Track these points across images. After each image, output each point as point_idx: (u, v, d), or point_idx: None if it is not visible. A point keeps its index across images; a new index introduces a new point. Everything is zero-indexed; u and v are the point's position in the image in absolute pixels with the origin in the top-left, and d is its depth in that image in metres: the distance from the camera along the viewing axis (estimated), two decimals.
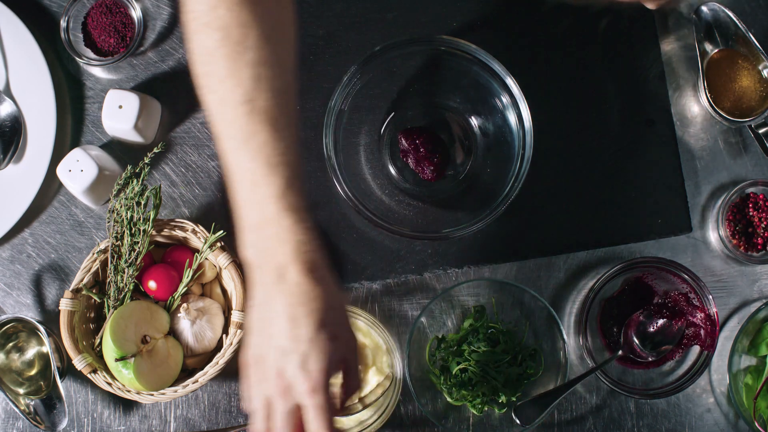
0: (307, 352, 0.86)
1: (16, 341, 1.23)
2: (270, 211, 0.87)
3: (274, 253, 0.88)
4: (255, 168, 0.87)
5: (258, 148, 0.87)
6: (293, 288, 0.87)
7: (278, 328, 0.87)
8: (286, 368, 0.87)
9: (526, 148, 1.17)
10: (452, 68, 1.21)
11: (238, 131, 0.88)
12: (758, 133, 1.27)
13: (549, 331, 1.21)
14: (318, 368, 0.86)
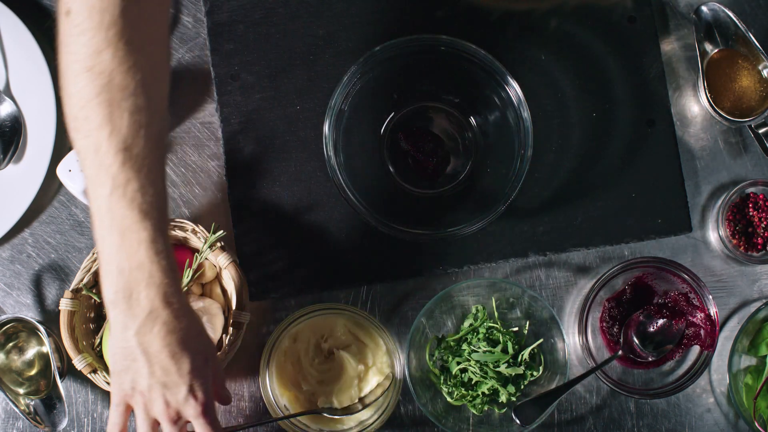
0: (193, 382, 0.95)
1: (16, 341, 1.23)
2: (141, 256, 0.90)
3: (145, 297, 0.92)
4: (128, 215, 0.89)
5: (132, 195, 0.89)
6: (166, 331, 0.93)
7: (161, 365, 0.94)
8: (175, 399, 0.96)
9: (526, 148, 1.17)
10: (452, 68, 1.21)
11: (112, 178, 0.88)
12: (758, 133, 1.27)
13: (549, 331, 1.21)
14: (204, 392, 0.97)
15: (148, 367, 0.95)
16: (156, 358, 0.94)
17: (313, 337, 1.21)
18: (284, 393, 1.20)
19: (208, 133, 1.27)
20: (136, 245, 0.90)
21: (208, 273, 1.20)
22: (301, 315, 1.19)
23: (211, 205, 1.26)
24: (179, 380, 0.95)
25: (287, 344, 1.20)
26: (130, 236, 0.90)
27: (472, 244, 1.25)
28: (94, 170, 0.89)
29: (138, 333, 0.93)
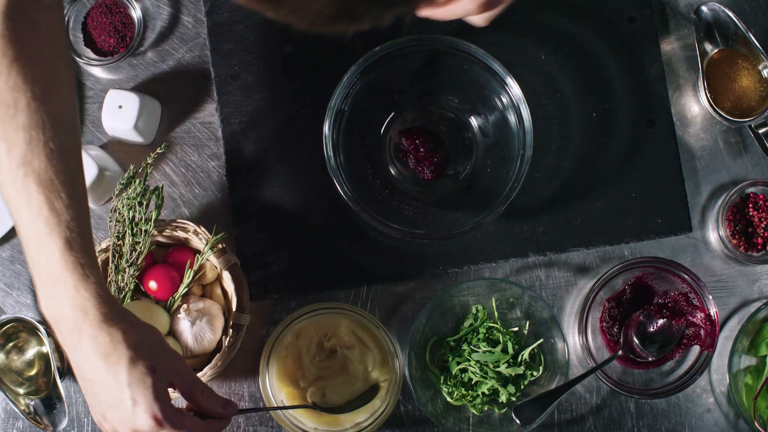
0: (131, 396, 0.88)
1: (16, 341, 1.23)
2: (56, 270, 0.88)
3: (67, 312, 0.89)
4: (36, 229, 0.88)
5: (37, 210, 0.88)
6: (93, 343, 0.88)
7: (100, 386, 0.89)
8: (124, 418, 0.89)
9: (526, 148, 1.17)
10: (452, 68, 1.21)
11: (17, 194, 0.88)
12: (758, 133, 1.27)
13: (549, 331, 1.21)
14: (147, 403, 0.88)
15: (88, 387, 0.91)
16: (94, 379, 0.89)
17: (316, 335, 1.21)
18: (283, 388, 1.20)
19: (208, 133, 1.27)
20: (49, 260, 0.89)
21: (209, 274, 1.20)
22: (305, 312, 1.19)
23: (211, 205, 1.26)
24: (119, 394, 0.88)
25: (289, 340, 1.20)
26: (42, 251, 0.89)
27: (472, 244, 1.25)
28: (3, 188, 0.90)
29: (72, 350, 0.90)
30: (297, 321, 1.20)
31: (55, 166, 0.89)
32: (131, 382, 0.88)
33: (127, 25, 1.26)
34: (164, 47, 1.28)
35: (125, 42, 1.26)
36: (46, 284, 0.89)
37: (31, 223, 0.89)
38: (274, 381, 1.20)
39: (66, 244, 0.88)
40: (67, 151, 0.90)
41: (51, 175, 0.88)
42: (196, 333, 1.17)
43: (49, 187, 0.88)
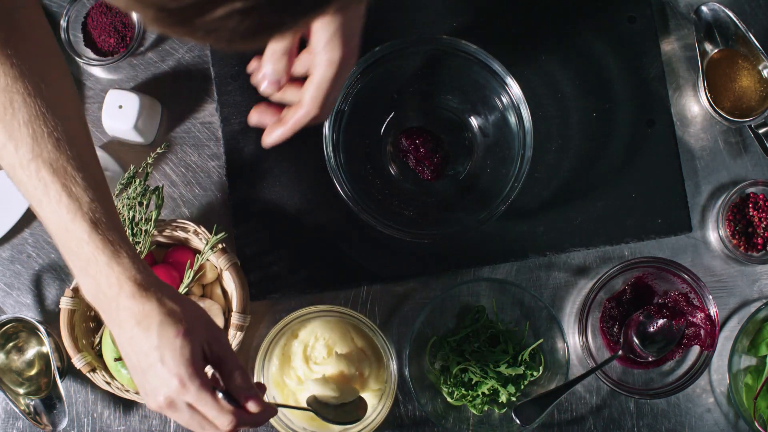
0: (159, 357, 0.89)
1: (16, 341, 1.23)
2: (86, 252, 0.90)
3: (105, 290, 0.90)
4: (60, 218, 0.90)
5: (57, 199, 0.89)
6: (129, 313, 0.90)
7: (136, 355, 0.90)
8: (155, 385, 0.90)
9: (526, 148, 1.17)
10: (452, 68, 1.21)
11: (34, 189, 0.90)
12: (758, 133, 1.27)
13: (549, 331, 1.21)
14: (174, 363, 0.88)
15: (129, 361, 0.92)
16: (130, 346, 0.90)
17: (313, 338, 1.21)
18: (276, 386, 1.20)
19: (208, 133, 1.27)
20: (78, 245, 0.90)
21: (209, 274, 1.20)
22: (302, 315, 1.19)
23: (211, 205, 1.26)
24: (150, 357, 0.89)
25: (284, 342, 1.20)
26: (70, 237, 0.90)
27: (472, 244, 1.25)
28: (19, 186, 0.92)
29: (114, 325, 0.91)
30: (294, 323, 1.20)
31: (64, 154, 0.90)
32: (160, 345, 0.89)
33: (127, 25, 1.26)
34: (164, 47, 1.28)
35: (125, 42, 1.26)
36: (81, 268, 0.91)
37: (54, 213, 0.90)
38: (270, 382, 1.20)
39: (91, 225, 0.90)
40: (74, 137, 0.91)
41: (63, 163, 0.90)
42: None
43: (63, 174, 0.89)
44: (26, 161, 0.89)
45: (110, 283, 0.90)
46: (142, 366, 0.90)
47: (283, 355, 1.20)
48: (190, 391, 0.89)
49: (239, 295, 1.17)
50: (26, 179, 0.90)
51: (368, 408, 1.18)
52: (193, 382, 0.89)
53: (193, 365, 0.90)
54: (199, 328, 0.92)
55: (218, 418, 0.91)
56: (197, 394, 0.89)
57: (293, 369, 1.20)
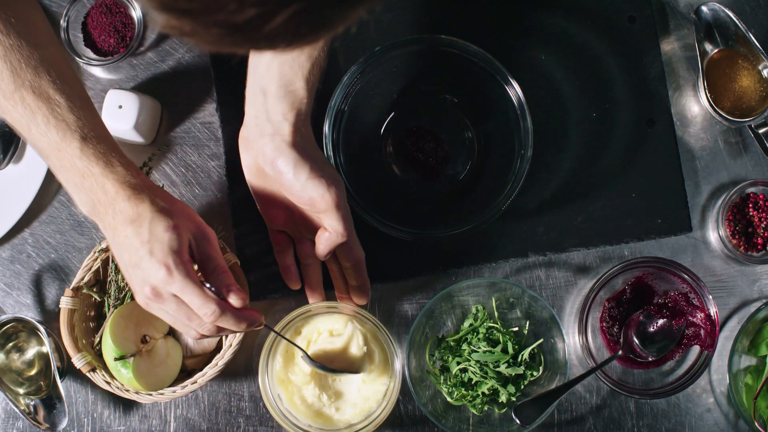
0: (149, 250, 0.93)
1: (16, 341, 1.23)
2: (80, 168, 0.95)
3: (101, 200, 0.95)
4: (50, 139, 0.95)
5: (44, 122, 0.94)
6: (123, 215, 0.94)
7: (128, 251, 0.94)
8: (144, 273, 0.93)
9: (526, 148, 1.17)
10: (452, 68, 1.21)
11: (21, 117, 0.95)
12: (758, 133, 1.27)
13: (549, 331, 1.21)
14: (162, 253, 0.92)
15: (123, 255, 0.95)
16: (123, 245, 0.94)
17: (315, 333, 1.21)
18: (281, 383, 1.20)
19: (208, 133, 1.27)
20: (72, 161, 0.95)
21: None
22: (304, 312, 1.19)
23: (211, 205, 1.26)
24: (140, 251, 0.93)
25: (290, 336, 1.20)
26: (63, 156, 0.95)
27: (472, 244, 1.25)
28: (8, 117, 0.96)
29: (110, 231, 0.95)
30: (296, 320, 1.20)
31: (45, 79, 0.95)
32: (150, 239, 0.93)
33: (127, 25, 1.26)
34: (164, 47, 1.28)
35: (125, 42, 1.26)
36: (76, 183, 0.95)
37: (44, 136, 0.95)
38: (274, 380, 1.20)
39: (82, 141, 0.95)
40: (51, 62, 0.96)
41: (45, 88, 0.94)
42: None
43: (47, 99, 0.94)
44: (10, 93, 0.94)
45: (106, 191, 0.94)
46: (133, 261, 0.94)
47: (286, 352, 1.20)
48: (175, 280, 0.93)
49: None
50: (12, 109, 0.94)
51: (372, 405, 1.19)
52: (178, 271, 0.93)
53: (180, 256, 0.94)
54: (188, 224, 0.96)
55: (202, 307, 0.94)
56: (182, 281, 0.93)
57: (297, 365, 1.20)
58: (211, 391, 1.24)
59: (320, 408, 1.20)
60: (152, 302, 0.95)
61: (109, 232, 0.96)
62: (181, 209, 0.98)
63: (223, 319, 0.95)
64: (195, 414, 1.24)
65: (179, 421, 1.24)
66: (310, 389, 1.20)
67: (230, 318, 0.96)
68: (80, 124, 0.95)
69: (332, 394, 1.21)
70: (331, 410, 1.20)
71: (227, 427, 1.24)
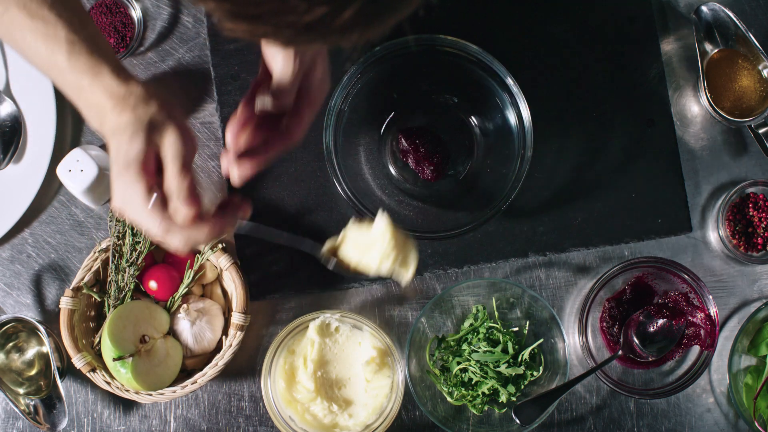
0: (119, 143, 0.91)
1: (16, 341, 1.23)
2: (72, 82, 0.93)
3: (96, 113, 0.93)
4: (40, 56, 0.93)
5: (33, 39, 0.93)
6: (109, 127, 0.92)
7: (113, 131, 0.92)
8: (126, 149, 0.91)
9: (526, 148, 1.17)
10: (452, 68, 1.21)
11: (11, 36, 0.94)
12: (758, 133, 1.27)
13: (549, 331, 1.21)
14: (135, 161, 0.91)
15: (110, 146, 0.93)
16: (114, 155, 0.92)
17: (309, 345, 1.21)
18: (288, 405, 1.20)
19: (208, 133, 1.27)
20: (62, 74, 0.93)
21: (209, 274, 1.20)
22: (293, 328, 1.20)
23: (211, 205, 1.26)
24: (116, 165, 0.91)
25: (284, 361, 1.20)
26: (55, 73, 0.93)
27: (472, 244, 1.25)
28: (5, 39, 0.95)
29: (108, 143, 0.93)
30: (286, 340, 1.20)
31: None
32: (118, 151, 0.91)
33: (127, 25, 1.26)
34: (164, 47, 1.28)
35: (125, 42, 1.26)
36: (76, 98, 0.93)
37: (36, 54, 0.93)
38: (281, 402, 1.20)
39: (68, 54, 0.92)
40: None
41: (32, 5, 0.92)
42: (196, 333, 1.18)
43: (35, 15, 0.92)
44: (3, 9, 0.92)
45: (97, 103, 0.92)
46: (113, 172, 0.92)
47: (285, 374, 1.21)
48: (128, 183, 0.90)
49: (239, 295, 1.17)
50: (5, 31, 0.93)
51: (383, 401, 1.19)
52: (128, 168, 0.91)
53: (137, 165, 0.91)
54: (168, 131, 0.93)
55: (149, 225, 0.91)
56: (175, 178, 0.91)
57: (299, 383, 1.20)
58: (211, 391, 1.24)
59: (334, 419, 1.20)
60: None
61: (108, 143, 0.94)
62: (166, 116, 0.94)
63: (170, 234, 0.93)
64: (195, 414, 1.24)
65: (179, 421, 1.24)
66: (317, 404, 1.20)
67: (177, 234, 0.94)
68: (70, 37, 0.93)
69: (342, 403, 1.21)
70: (344, 417, 1.20)
71: (227, 427, 1.24)
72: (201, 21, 1.28)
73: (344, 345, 1.22)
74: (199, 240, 0.94)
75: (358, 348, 1.22)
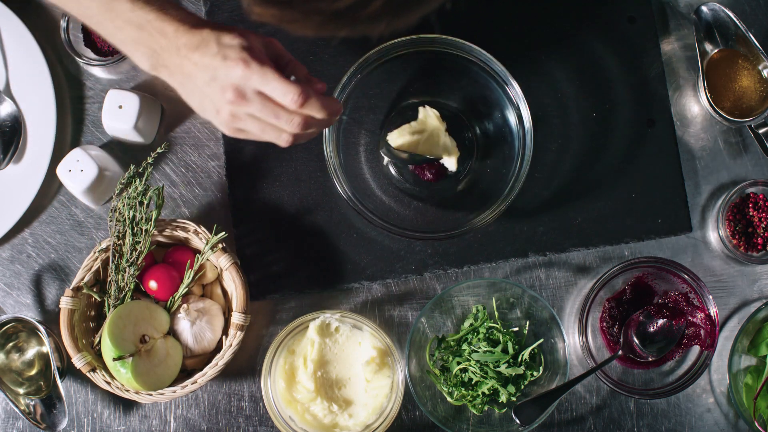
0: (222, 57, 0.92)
1: (16, 341, 1.23)
2: (134, 19, 0.95)
3: (161, 44, 0.95)
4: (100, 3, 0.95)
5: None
6: (188, 48, 0.94)
7: (201, 73, 0.94)
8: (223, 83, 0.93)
9: (526, 148, 1.17)
10: (452, 68, 1.21)
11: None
12: (758, 133, 1.27)
13: (549, 331, 1.21)
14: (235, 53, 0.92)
15: (197, 82, 0.94)
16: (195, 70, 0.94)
17: (309, 345, 1.21)
18: (288, 405, 1.20)
19: (208, 133, 1.27)
20: (126, 16, 0.94)
21: (209, 274, 1.20)
22: (293, 328, 1.20)
23: (211, 205, 1.26)
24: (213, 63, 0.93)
25: (284, 361, 1.21)
26: (116, 14, 0.94)
27: (472, 244, 1.25)
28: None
29: (177, 70, 0.94)
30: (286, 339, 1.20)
31: None
32: (219, 49, 0.92)
33: None
34: None
35: None
36: (134, 38, 0.95)
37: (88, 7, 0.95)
38: (281, 402, 1.20)
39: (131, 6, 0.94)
40: None
41: None
42: (196, 333, 1.18)
43: None
44: None
45: (165, 34, 0.93)
46: (207, 78, 0.93)
47: (285, 374, 1.21)
48: (254, 71, 0.92)
49: (239, 295, 1.17)
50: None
51: (383, 401, 1.18)
52: (256, 62, 0.92)
53: (253, 49, 0.93)
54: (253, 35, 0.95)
55: (288, 93, 0.92)
56: (261, 70, 0.92)
57: (299, 383, 1.20)
58: (211, 391, 1.24)
59: (334, 419, 1.20)
60: (238, 107, 0.94)
61: (177, 75, 0.96)
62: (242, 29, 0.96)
63: (309, 104, 0.94)
64: (195, 414, 1.24)
65: (179, 421, 1.24)
66: (317, 404, 1.20)
67: (316, 103, 0.94)
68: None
69: (342, 403, 1.21)
70: (344, 417, 1.20)
71: (227, 427, 1.24)
72: None
73: (344, 345, 1.22)
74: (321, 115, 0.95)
75: (358, 348, 1.22)
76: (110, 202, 1.23)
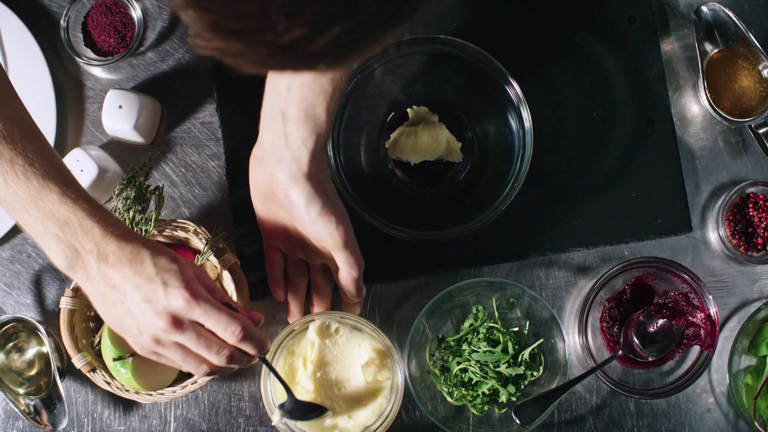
0: (161, 281, 0.92)
1: (16, 341, 1.23)
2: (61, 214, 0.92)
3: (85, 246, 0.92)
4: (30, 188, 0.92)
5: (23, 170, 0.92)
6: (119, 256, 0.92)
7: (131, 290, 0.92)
8: (159, 304, 0.92)
9: (526, 148, 1.17)
10: (452, 68, 1.21)
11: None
12: (758, 133, 1.27)
13: (549, 331, 1.21)
14: (177, 281, 0.92)
15: (123, 298, 0.93)
16: (123, 285, 0.92)
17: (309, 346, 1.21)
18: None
19: (208, 133, 1.27)
20: (52, 208, 0.92)
21: (209, 274, 1.20)
22: (292, 330, 1.19)
23: (211, 205, 1.26)
24: (150, 285, 0.92)
25: (283, 362, 1.20)
26: (42, 204, 0.92)
27: (472, 244, 1.25)
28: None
29: (98, 278, 0.93)
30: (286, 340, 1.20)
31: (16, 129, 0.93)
32: (158, 271, 0.92)
33: (127, 25, 1.26)
34: (164, 47, 1.28)
35: (125, 42, 1.26)
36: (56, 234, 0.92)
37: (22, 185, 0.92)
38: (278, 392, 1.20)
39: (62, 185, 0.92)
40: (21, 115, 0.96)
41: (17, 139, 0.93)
42: None
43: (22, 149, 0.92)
44: None
45: (93, 235, 0.92)
46: (140, 298, 0.92)
47: (285, 374, 1.20)
48: (199, 303, 0.91)
49: (239, 294, 1.17)
50: None
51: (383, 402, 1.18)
52: (201, 293, 0.92)
53: (193, 281, 0.93)
54: (188, 262, 0.96)
55: (230, 326, 0.92)
56: (205, 303, 0.92)
57: (299, 384, 1.20)
58: (211, 391, 1.24)
59: (333, 420, 1.20)
60: (168, 335, 0.93)
61: (98, 283, 0.94)
62: (168, 250, 0.96)
63: (247, 339, 0.94)
64: (195, 414, 1.24)
65: (179, 421, 1.24)
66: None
67: (255, 336, 0.95)
68: (55, 171, 0.93)
69: (341, 404, 1.20)
70: (344, 419, 1.20)
71: (227, 427, 1.24)
72: None
73: (344, 346, 1.22)
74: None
75: (357, 349, 1.22)
76: (110, 202, 1.23)
